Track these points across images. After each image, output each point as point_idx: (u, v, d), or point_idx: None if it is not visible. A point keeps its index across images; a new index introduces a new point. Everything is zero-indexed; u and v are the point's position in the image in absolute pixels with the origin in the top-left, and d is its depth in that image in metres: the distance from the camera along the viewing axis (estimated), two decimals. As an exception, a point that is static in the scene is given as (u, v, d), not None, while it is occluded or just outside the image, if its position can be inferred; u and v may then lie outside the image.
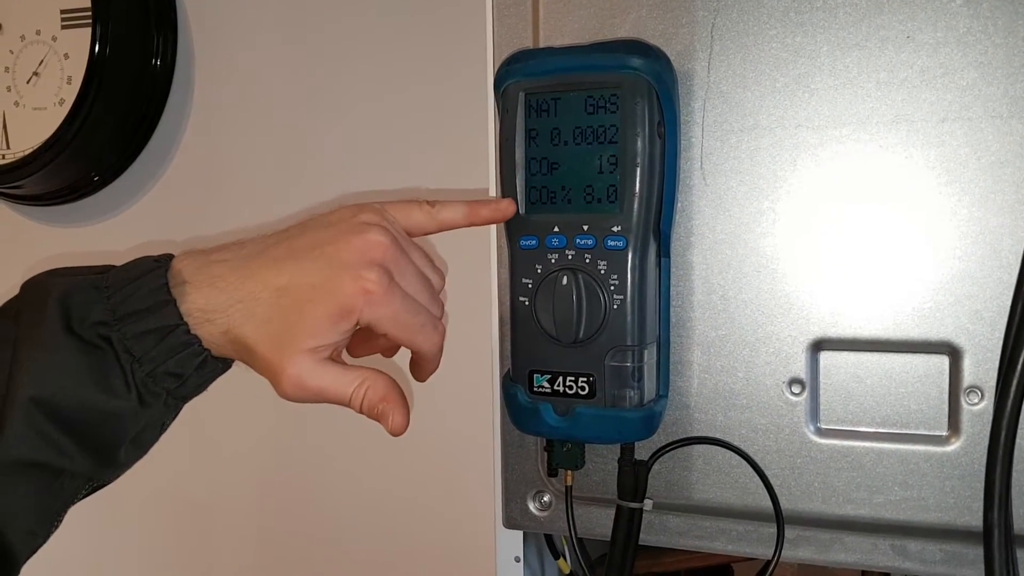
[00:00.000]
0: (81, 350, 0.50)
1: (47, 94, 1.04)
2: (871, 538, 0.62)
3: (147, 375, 0.51)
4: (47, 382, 0.49)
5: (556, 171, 0.63)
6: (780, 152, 0.63)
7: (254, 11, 0.98)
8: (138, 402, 0.51)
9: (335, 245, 0.53)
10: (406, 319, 0.54)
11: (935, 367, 0.61)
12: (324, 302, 0.52)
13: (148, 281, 0.52)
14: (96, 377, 0.50)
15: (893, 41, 0.60)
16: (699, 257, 0.65)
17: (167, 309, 0.51)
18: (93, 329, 0.51)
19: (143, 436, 0.54)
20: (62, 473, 0.51)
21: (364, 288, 0.52)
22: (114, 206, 1.08)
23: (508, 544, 0.74)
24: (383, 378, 0.55)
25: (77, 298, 0.51)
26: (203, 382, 0.55)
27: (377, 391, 0.55)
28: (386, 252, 0.54)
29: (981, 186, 0.59)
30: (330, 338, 0.53)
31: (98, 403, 0.50)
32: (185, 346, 0.52)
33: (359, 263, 0.53)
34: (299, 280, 0.52)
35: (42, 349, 0.50)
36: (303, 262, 0.53)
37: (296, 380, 0.52)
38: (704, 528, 0.66)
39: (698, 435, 0.66)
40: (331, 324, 0.52)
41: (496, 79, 0.65)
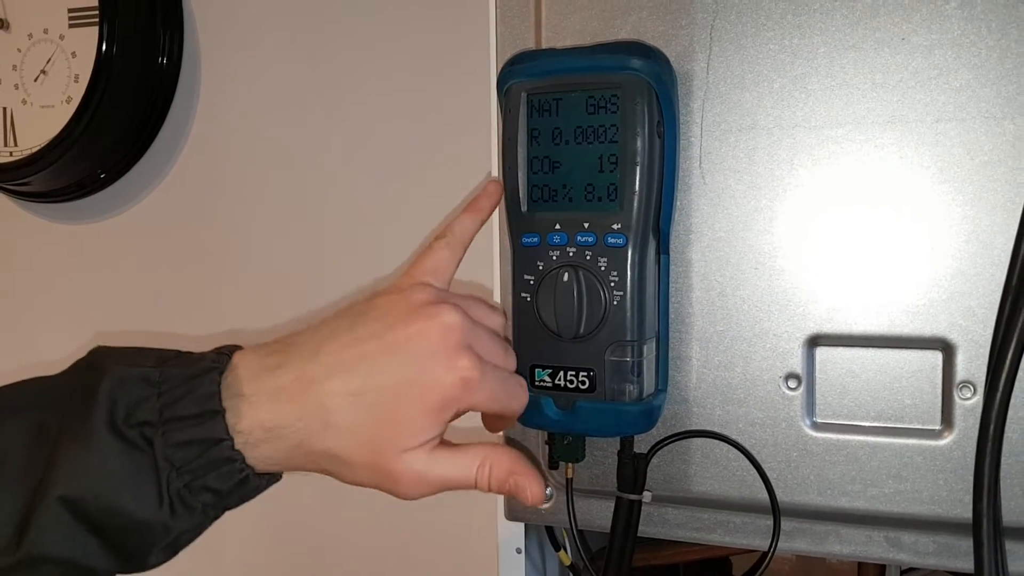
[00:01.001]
0: (120, 451, 0.48)
1: (54, 92, 1.05)
2: (866, 530, 0.63)
3: (184, 486, 0.49)
4: (80, 482, 0.47)
5: (557, 170, 0.64)
6: (777, 152, 0.64)
7: (260, 10, 0.99)
8: (170, 513, 0.49)
9: (407, 335, 0.50)
10: (502, 393, 0.53)
11: (929, 362, 0.62)
12: (420, 399, 0.50)
13: (202, 384, 0.49)
14: (131, 483, 0.48)
15: (888, 43, 0.61)
16: (698, 254, 0.66)
17: (214, 421, 0.48)
18: (137, 429, 0.48)
19: (177, 542, 0.52)
20: (89, 571, 0.49)
21: (461, 377, 0.50)
22: (121, 203, 1.09)
23: (510, 536, 0.75)
24: (503, 451, 0.54)
25: (127, 392, 0.49)
26: (245, 497, 0.52)
27: (503, 466, 0.53)
28: (464, 331, 0.51)
29: (974, 185, 0.60)
30: (435, 431, 0.51)
31: (129, 511, 0.48)
32: (227, 462, 0.49)
33: (445, 351, 0.50)
34: (377, 381, 0.50)
35: (81, 445, 0.48)
36: (375, 359, 0.50)
37: (416, 479, 0.51)
38: (702, 520, 0.68)
39: (696, 429, 0.67)
40: (432, 419, 0.50)
41: (499, 79, 0.66)
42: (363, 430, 0.49)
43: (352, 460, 0.50)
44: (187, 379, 0.49)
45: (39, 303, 1.12)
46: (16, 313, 1.13)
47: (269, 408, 0.49)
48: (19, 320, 1.12)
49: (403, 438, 0.50)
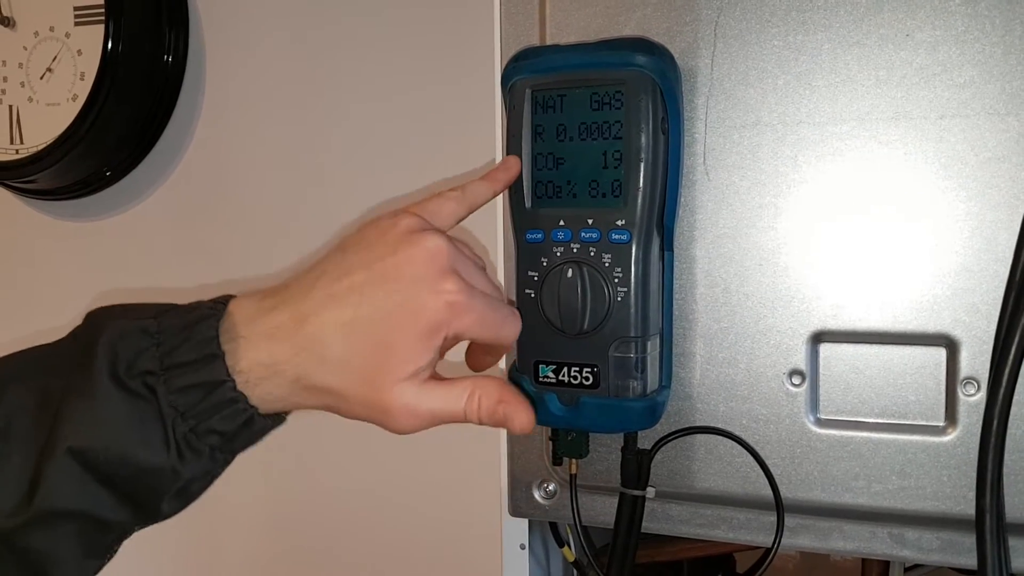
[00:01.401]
0: (124, 399, 0.48)
1: (60, 90, 1.06)
2: (869, 526, 0.64)
3: (189, 430, 0.49)
4: (88, 433, 0.48)
5: (562, 166, 0.64)
6: (782, 148, 0.64)
7: (265, 9, 0.99)
8: (178, 458, 0.49)
9: (393, 262, 0.51)
10: (491, 318, 0.53)
11: (932, 359, 0.62)
12: (408, 325, 0.50)
13: (200, 331, 0.50)
14: (137, 430, 0.48)
15: (892, 39, 0.61)
16: (702, 251, 0.66)
17: (215, 364, 0.49)
18: (139, 378, 0.49)
19: (189, 488, 0.52)
20: (104, 522, 0.50)
21: (447, 301, 0.50)
22: (126, 201, 1.09)
23: (514, 532, 0.75)
24: (491, 381, 0.54)
25: (127, 343, 0.49)
26: (251, 439, 0.52)
27: (491, 396, 0.53)
28: (449, 255, 0.51)
29: (978, 181, 0.60)
30: (425, 359, 0.50)
31: (137, 459, 0.49)
32: (230, 403, 0.49)
33: (431, 275, 0.50)
34: (366, 310, 0.50)
35: (86, 398, 0.48)
36: (363, 289, 0.50)
37: (407, 410, 0.51)
38: (706, 516, 0.68)
39: (700, 425, 0.67)
40: (422, 346, 0.50)
41: (503, 76, 0.66)
42: (356, 361, 0.50)
43: (347, 393, 0.50)
44: (185, 327, 0.50)
45: (44, 300, 1.12)
46: (21, 309, 1.13)
47: (266, 347, 0.50)
48: (24, 316, 1.12)
49: (395, 367, 0.50)
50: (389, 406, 0.50)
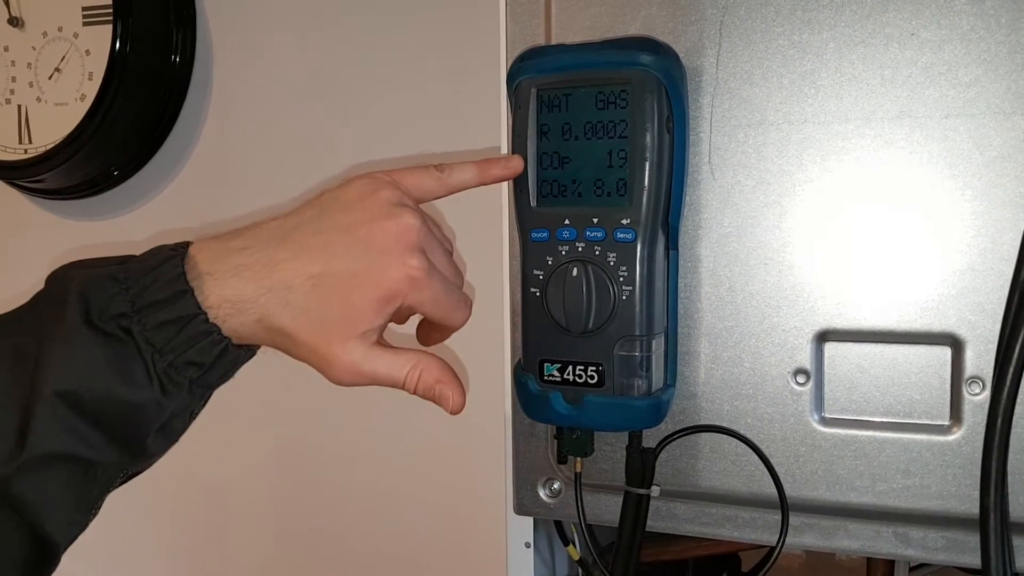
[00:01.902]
0: (102, 343, 0.50)
1: (69, 90, 1.06)
2: (874, 525, 0.63)
3: (168, 365, 0.51)
4: (70, 376, 0.50)
5: (567, 165, 0.64)
6: (787, 147, 0.64)
7: (272, 9, 0.99)
8: (160, 392, 0.52)
9: (368, 230, 0.53)
10: (445, 299, 0.56)
11: (938, 358, 0.62)
12: (369, 289, 0.53)
13: (165, 271, 0.52)
14: (118, 369, 0.50)
15: (898, 38, 0.61)
16: (707, 250, 0.66)
17: (185, 299, 0.51)
18: (113, 321, 0.51)
19: (171, 425, 0.55)
20: (93, 464, 0.52)
21: (408, 275, 0.53)
22: (133, 200, 1.09)
23: (518, 530, 0.75)
24: (435, 360, 0.57)
25: (96, 291, 0.51)
26: (227, 371, 0.55)
27: (432, 373, 0.56)
28: (420, 234, 0.54)
29: (984, 180, 0.60)
30: (377, 322, 0.54)
31: (121, 394, 0.51)
32: (204, 335, 0.52)
33: (399, 249, 0.53)
34: (335, 267, 0.53)
35: (64, 344, 0.50)
36: (336, 248, 0.53)
37: (350, 366, 0.54)
38: (710, 515, 0.68)
39: (705, 424, 0.67)
40: (377, 309, 0.53)
41: (509, 75, 0.66)
42: (316, 311, 0.52)
43: (300, 339, 0.53)
44: (151, 269, 0.52)
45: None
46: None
47: (232, 283, 0.52)
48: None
49: (348, 325, 0.53)
50: (335, 358, 0.53)
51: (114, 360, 0.50)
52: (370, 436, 1.00)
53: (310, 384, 0.59)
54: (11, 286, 1.15)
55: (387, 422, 0.98)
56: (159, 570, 1.13)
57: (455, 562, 0.92)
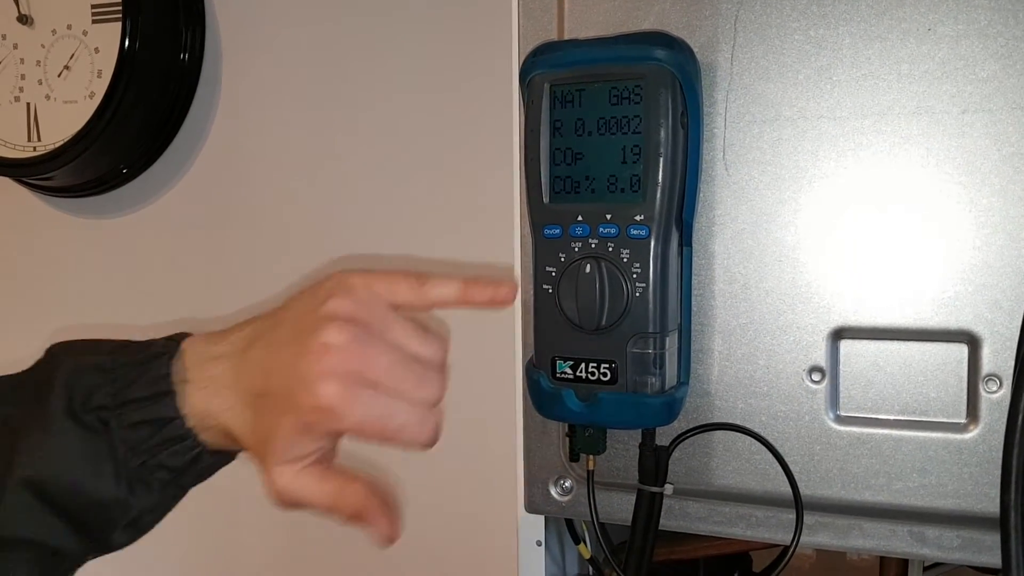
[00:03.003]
0: (79, 435, 0.50)
1: (78, 87, 1.06)
2: (889, 524, 0.63)
3: (140, 465, 0.51)
4: (42, 464, 0.50)
5: (580, 161, 0.64)
6: (802, 143, 0.64)
7: (282, 8, 0.99)
8: (128, 491, 0.51)
9: (295, 349, 0.50)
10: (378, 424, 0.50)
11: (954, 355, 0.62)
12: (287, 416, 0.50)
13: (152, 368, 0.52)
14: (90, 462, 0.50)
15: (914, 33, 0.61)
16: (721, 246, 0.66)
17: (165, 401, 0.51)
18: (94, 413, 0.51)
19: (141, 520, 0.54)
20: (56, 551, 0.51)
21: (317, 405, 0.48)
22: (142, 198, 1.09)
23: (530, 528, 0.75)
24: (360, 488, 0.53)
25: (83, 380, 0.51)
26: (201, 474, 0.54)
27: (348, 507, 0.53)
28: (342, 355, 0.49)
29: (1001, 177, 0.60)
30: (301, 451, 0.50)
31: (89, 490, 0.50)
32: (179, 440, 0.51)
33: (313, 374, 0.49)
34: (271, 387, 0.50)
35: (42, 431, 0.50)
36: (273, 367, 0.51)
37: (279, 491, 0.51)
38: (724, 514, 0.67)
39: (719, 421, 0.67)
40: (297, 438, 0.50)
41: (521, 71, 0.66)
42: (257, 434, 0.51)
43: (251, 455, 0.52)
44: (138, 364, 0.52)
45: (61, 297, 1.12)
46: (39, 306, 1.14)
47: (204, 397, 0.51)
48: (42, 313, 1.12)
49: (276, 450, 0.50)
50: (270, 481, 0.51)
51: (87, 453, 0.50)
52: (379, 435, 1.00)
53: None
54: (19, 284, 1.15)
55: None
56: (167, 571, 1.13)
57: (466, 560, 0.91)
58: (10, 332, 1.15)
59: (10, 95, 1.10)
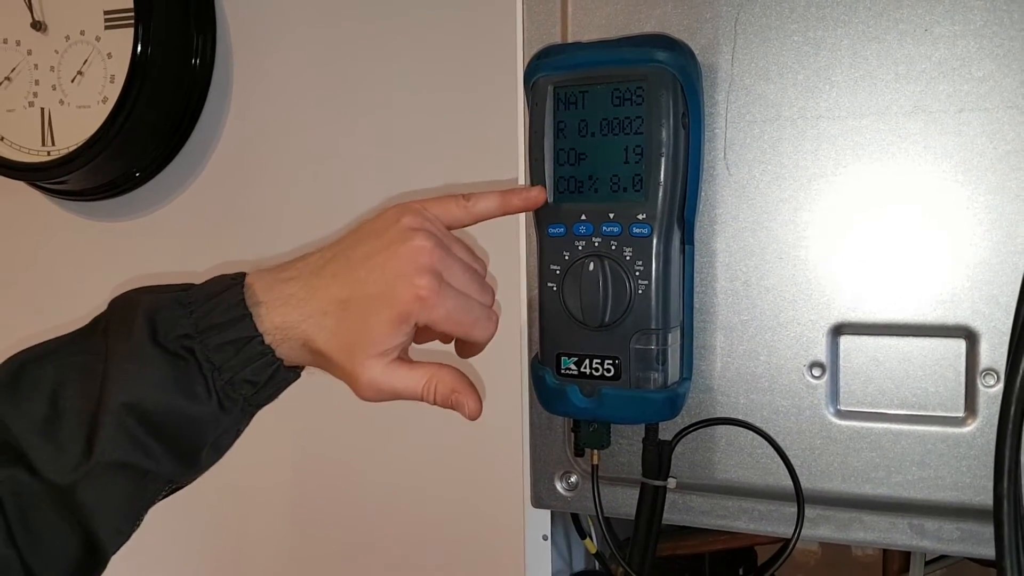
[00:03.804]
0: (167, 361, 0.55)
1: (91, 92, 1.08)
2: (889, 517, 0.64)
3: (226, 383, 0.56)
4: (137, 390, 0.54)
5: (583, 161, 0.65)
6: (802, 143, 0.65)
7: (292, 13, 1.01)
8: (218, 407, 0.56)
9: (385, 255, 0.57)
10: (460, 316, 0.58)
11: (952, 350, 0.62)
12: (383, 310, 0.56)
13: (227, 297, 0.57)
14: (181, 385, 0.55)
15: (911, 34, 0.62)
16: (722, 244, 0.67)
17: (244, 322, 0.56)
18: (178, 341, 0.55)
19: (221, 440, 0.59)
20: (148, 474, 0.56)
21: (417, 294, 0.56)
22: (155, 201, 1.11)
23: (536, 523, 0.76)
24: (449, 371, 0.60)
25: (163, 313, 0.56)
26: (275, 390, 0.60)
27: (446, 384, 0.59)
28: (432, 255, 0.57)
29: (997, 174, 0.61)
30: (393, 342, 0.57)
31: (183, 408, 0.55)
32: (260, 356, 0.56)
33: (410, 270, 0.56)
34: (359, 292, 0.57)
35: (132, 360, 0.55)
36: (359, 274, 0.57)
37: (370, 384, 0.57)
38: (726, 507, 0.68)
39: (721, 416, 0.68)
40: (392, 330, 0.57)
41: (526, 73, 0.67)
42: (343, 334, 0.57)
43: (332, 359, 0.57)
44: (213, 295, 0.57)
45: (74, 298, 1.14)
46: (52, 307, 1.15)
47: (281, 311, 0.57)
48: (55, 315, 1.14)
49: (367, 345, 0.56)
50: (358, 376, 0.57)
51: (178, 376, 0.55)
52: (388, 431, 1.01)
53: (327, 383, 0.60)
54: (35, 285, 1.17)
55: (404, 417, 0.99)
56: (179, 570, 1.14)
57: (473, 555, 0.92)
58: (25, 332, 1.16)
59: (25, 100, 1.12)
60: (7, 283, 1.18)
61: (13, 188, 1.13)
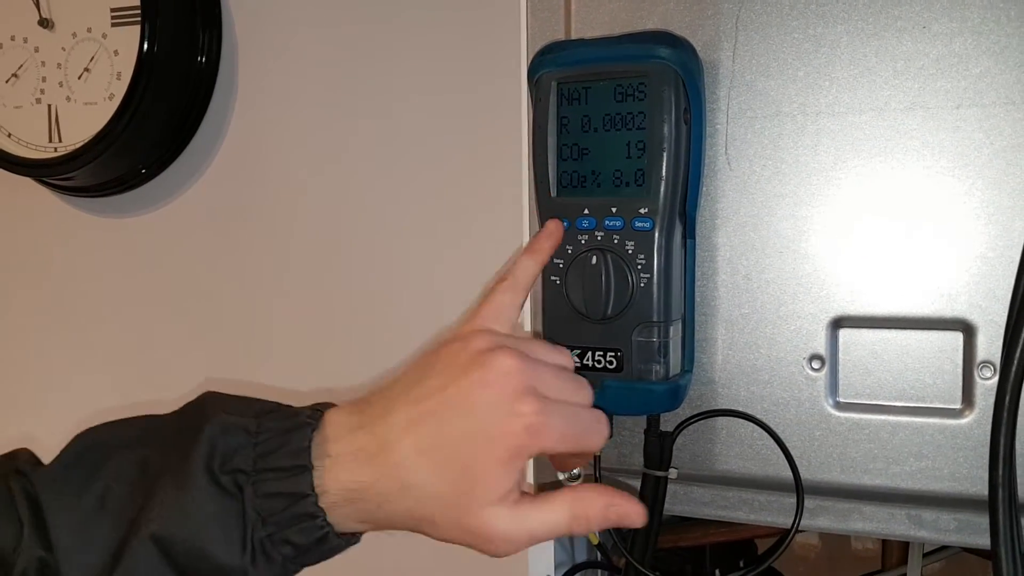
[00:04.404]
0: (213, 495, 0.50)
1: (97, 89, 1.08)
2: (888, 507, 0.65)
3: (267, 536, 0.50)
4: (172, 521, 0.49)
5: (586, 156, 0.66)
6: (802, 138, 0.66)
7: (297, 11, 1.01)
8: (251, 562, 0.50)
9: (467, 385, 0.50)
10: (573, 432, 0.51)
11: (950, 343, 0.63)
12: (489, 451, 0.49)
13: (294, 439, 0.50)
14: (219, 525, 0.49)
15: (909, 31, 0.63)
16: (724, 238, 0.68)
17: (302, 476, 0.49)
18: (231, 475, 0.50)
19: None
20: None
21: (525, 424, 0.49)
22: (161, 197, 1.11)
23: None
24: (591, 491, 0.52)
25: (226, 439, 0.51)
26: (323, 555, 0.53)
27: (596, 506, 0.51)
28: (523, 375, 0.50)
29: (994, 169, 0.61)
30: (509, 483, 0.49)
31: (214, 555, 0.49)
32: (310, 518, 0.50)
33: (506, 399, 0.49)
34: (444, 436, 0.49)
35: (178, 485, 0.50)
36: (439, 414, 0.50)
37: (505, 537, 0.50)
38: (727, 498, 0.69)
39: (721, 408, 0.68)
40: (504, 469, 0.49)
41: (530, 69, 0.68)
42: (439, 488, 0.49)
43: (435, 519, 0.50)
44: (283, 432, 0.51)
45: (80, 294, 1.15)
46: (58, 303, 1.16)
47: (350, 469, 0.50)
48: (61, 310, 1.15)
49: (480, 493, 0.49)
50: (483, 532, 0.50)
51: (219, 515, 0.49)
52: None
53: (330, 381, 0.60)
54: (41, 282, 1.18)
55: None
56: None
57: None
58: (31, 330, 1.17)
59: (32, 97, 1.12)
60: (14, 279, 1.19)
61: (20, 184, 1.14)
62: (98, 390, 1.09)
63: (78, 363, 1.12)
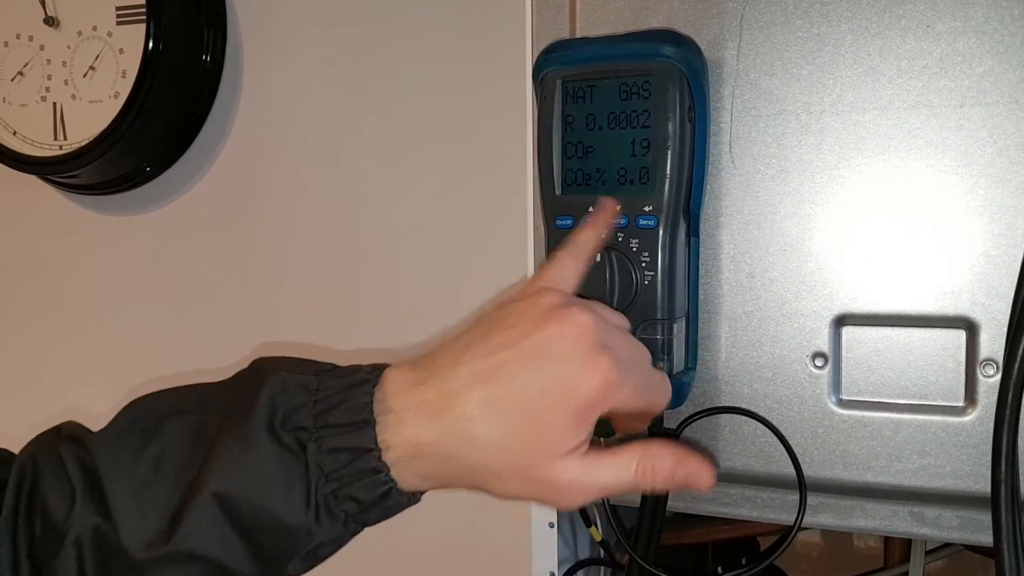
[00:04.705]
0: (275, 453, 0.48)
1: (103, 87, 1.08)
2: (890, 505, 0.65)
3: (330, 493, 0.49)
4: (235, 480, 0.48)
5: (591, 154, 0.66)
6: (805, 136, 0.66)
7: (302, 9, 1.02)
8: (314, 519, 0.49)
9: (540, 339, 0.49)
10: (645, 389, 0.52)
11: (953, 341, 0.64)
12: (563, 404, 0.48)
13: (355, 395, 0.50)
14: (282, 483, 0.48)
15: (913, 30, 0.63)
16: (727, 236, 0.68)
17: (364, 431, 0.48)
18: (293, 433, 0.49)
19: (316, 552, 0.52)
20: (225, 572, 0.50)
21: (602, 378, 0.48)
22: (165, 195, 1.12)
23: (542, 511, 0.77)
24: (662, 447, 0.51)
25: (287, 397, 0.50)
26: (386, 513, 0.52)
27: (664, 461, 0.51)
28: (597, 330, 0.49)
29: (998, 168, 0.62)
30: (581, 436, 0.49)
31: (276, 514, 0.48)
32: (373, 472, 0.49)
33: (582, 353, 0.48)
34: (516, 389, 0.48)
35: (239, 443, 0.49)
36: (511, 367, 0.48)
37: (574, 486, 0.49)
38: (730, 495, 0.69)
39: (725, 405, 0.69)
40: (578, 422, 0.48)
41: (535, 68, 0.68)
42: (509, 440, 0.48)
43: (502, 472, 0.49)
44: (343, 389, 0.50)
45: (85, 291, 1.15)
46: (62, 300, 1.16)
47: (415, 424, 0.49)
48: (65, 307, 1.15)
49: (551, 445, 0.48)
50: (553, 483, 0.49)
51: (281, 473, 0.48)
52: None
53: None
54: (44, 279, 1.18)
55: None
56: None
57: (479, 543, 0.93)
58: (35, 328, 1.17)
59: (37, 95, 1.13)
60: (18, 276, 1.19)
61: (25, 182, 1.14)
62: (102, 387, 1.10)
63: (82, 361, 1.12)
